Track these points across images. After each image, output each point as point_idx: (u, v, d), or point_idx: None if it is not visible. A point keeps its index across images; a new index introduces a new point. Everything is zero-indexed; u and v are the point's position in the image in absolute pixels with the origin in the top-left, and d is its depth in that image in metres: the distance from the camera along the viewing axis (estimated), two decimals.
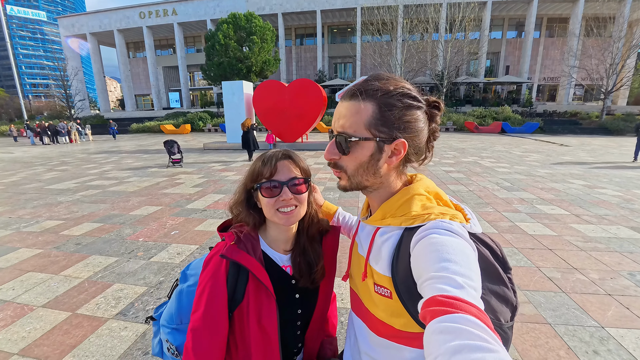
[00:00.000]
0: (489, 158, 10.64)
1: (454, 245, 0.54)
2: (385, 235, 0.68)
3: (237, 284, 0.80)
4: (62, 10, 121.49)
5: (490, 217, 4.56)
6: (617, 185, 6.53)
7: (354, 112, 0.64)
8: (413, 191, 0.69)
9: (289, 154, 0.83)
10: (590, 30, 26.93)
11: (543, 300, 2.53)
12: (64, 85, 31.48)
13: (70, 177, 8.21)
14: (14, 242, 3.88)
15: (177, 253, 3.48)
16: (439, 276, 0.49)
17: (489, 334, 0.39)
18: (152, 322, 1.00)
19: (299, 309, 0.88)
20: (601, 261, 3.20)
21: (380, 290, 0.67)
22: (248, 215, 0.85)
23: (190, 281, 0.90)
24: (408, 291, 0.60)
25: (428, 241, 0.56)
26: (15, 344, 2.10)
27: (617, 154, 11.76)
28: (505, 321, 0.61)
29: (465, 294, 0.46)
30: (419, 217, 0.63)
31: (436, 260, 0.52)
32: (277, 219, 0.79)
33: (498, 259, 0.64)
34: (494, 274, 0.62)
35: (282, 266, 0.86)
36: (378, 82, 0.64)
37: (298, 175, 0.81)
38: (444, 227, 0.58)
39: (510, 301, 0.63)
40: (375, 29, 27.25)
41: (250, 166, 0.85)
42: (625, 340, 2.08)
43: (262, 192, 0.79)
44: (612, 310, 2.41)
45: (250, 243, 0.82)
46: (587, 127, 22.40)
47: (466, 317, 0.41)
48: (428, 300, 0.47)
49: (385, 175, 0.69)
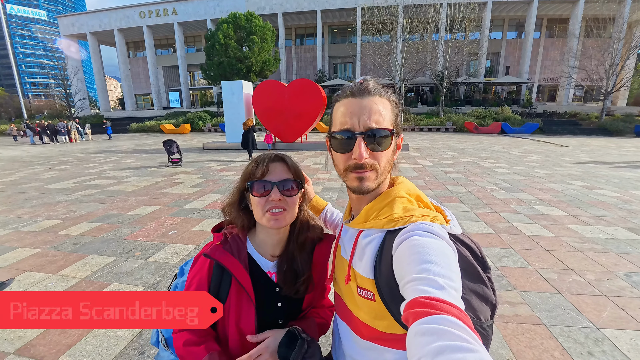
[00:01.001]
0: (488, 159, 10.65)
1: (435, 247, 0.55)
2: (368, 238, 0.68)
3: (221, 285, 0.80)
4: (63, 9, 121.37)
5: (488, 218, 4.56)
6: (615, 186, 6.54)
7: (383, 107, 0.66)
8: (395, 194, 0.70)
9: (283, 157, 0.84)
10: (590, 31, 26.99)
11: (539, 301, 2.54)
12: (63, 85, 31.47)
13: (69, 176, 8.21)
14: (12, 241, 3.89)
15: (175, 253, 3.49)
16: (420, 278, 0.50)
17: (469, 334, 0.40)
18: None
19: (281, 319, 0.86)
20: (598, 262, 3.21)
21: (363, 293, 0.67)
22: (238, 216, 0.85)
23: (185, 276, 0.93)
24: (391, 293, 0.61)
25: (410, 243, 0.57)
26: (11, 343, 2.10)
27: (616, 154, 11.77)
28: (485, 320, 0.62)
29: (446, 294, 0.47)
30: (400, 219, 0.64)
31: (418, 262, 0.52)
32: (265, 221, 0.79)
33: (477, 259, 0.65)
34: (473, 274, 0.63)
35: (268, 272, 0.85)
36: (375, 83, 0.68)
37: (290, 177, 0.81)
38: (425, 229, 0.59)
39: (490, 300, 0.64)
40: (375, 29, 27.23)
41: (245, 167, 0.85)
42: (620, 341, 2.09)
43: (252, 191, 0.79)
44: (608, 311, 2.41)
45: (237, 245, 0.82)
46: (587, 127, 22.41)
47: (447, 318, 0.42)
48: (410, 302, 0.48)
49: (390, 171, 0.71)
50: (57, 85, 32.82)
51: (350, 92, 0.67)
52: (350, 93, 0.67)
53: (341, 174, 0.70)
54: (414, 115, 26.34)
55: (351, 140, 0.65)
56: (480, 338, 0.45)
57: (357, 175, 0.66)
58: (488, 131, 22.47)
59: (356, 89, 0.67)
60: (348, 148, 0.66)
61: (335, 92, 0.87)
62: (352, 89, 0.67)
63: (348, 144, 0.66)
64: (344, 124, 0.66)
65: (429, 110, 28.39)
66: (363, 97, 0.66)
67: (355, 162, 0.65)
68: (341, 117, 0.67)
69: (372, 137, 0.64)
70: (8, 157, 12.81)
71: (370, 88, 0.66)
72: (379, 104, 0.66)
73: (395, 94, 0.70)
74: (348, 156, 0.67)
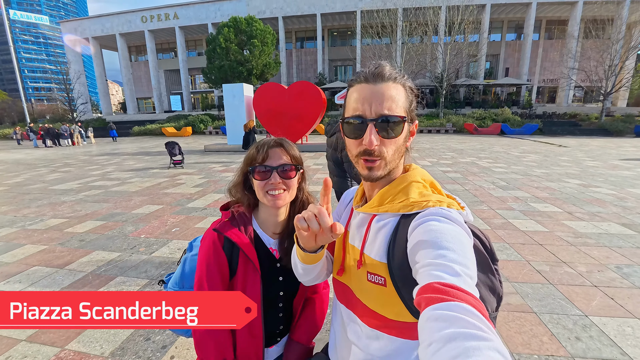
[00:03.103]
0: (486, 159, 10.73)
1: (452, 233, 0.55)
2: (381, 222, 0.69)
3: (232, 256, 0.89)
4: (65, 14, 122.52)
5: (484, 215, 4.65)
6: (612, 184, 6.61)
7: (395, 93, 0.64)
8: (410, 178, 0.70)
9: (281, 142, 0.92)
10: (589, 32, 27.08)
11: (530, 291, 2.62)
12: (66, 89, 31.76)
13: (74, 178, 8.33)
14: (19, 238, 3.99)
15: (178, 248, 3.59)
16: (436, 263, 0.49)
17: (484, 323, 0.39)
18: (163, 285, 1.14)
19: (281, 291, 0.97)
20: (590, 255, 3.29)
21: (373, 278, 0.67)
22: (243, 195, 0.95)
23: (194, 251, 1.02)
24: (403, 277, 0.61)
25: (426, 227, 0.57)
26: (22, 331, 2.20)
27: (615, 154, 11.83)
28: (492, 310, 0.63)
29: (462, 281, 0.46)
30: (416, 204, 0.64)
31: (434, 247, 0.52)
32: (266, 201, 0.89)
33: (487, 250, 0.66)
34: (483, 264, 0.64)
35: (270, 248, 0.95)
36: (391, 68, 0.67)
37: (288, 162, 0.90)
38: (442, 215, 0.59)
39: (497, 291, 0.65)
40: (375, 31, 27.41)
41: (247, 152, 0.95)
42: (607, 327, 2.17)
43: (254, 175, 0.88)
44: (597, 300, 2.49)
45: (243, 221, 0.92)
46: (587, 128, 22.45)
47: (462, 305, 0.42)
48: (424, 287, 0.47)
49: (402, 158, 0.71)
50: (60, 89, 33.11)
51: (364, 78, 0.66)
52: (364, 78, 0.66)
53: (353, 159, 0.70)
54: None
55: (363, 126, 0.64)
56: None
57: (366, 163, 0.67)
58: (488, 132, 22.54)
59: (370, 75, 0.65)
60: (359, 134, 0.65)
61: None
62: (366, 75, 0.66)
63: (360, 130, 0.65)
64: (356, 110, 0.65)
65: (428, 112, 28.48)
66: (376, 83, 0.64)
67: (365, 148, 0.65)
68: (354, 103, 0.66)
69: (383, 124, 0.63)
70: (12, 160, 12.96)
71: (384, 73, 0.65)
72: (393, 89, 0.64)
73: (409, 82, 0.68)
74: (359, 142, 0.66)
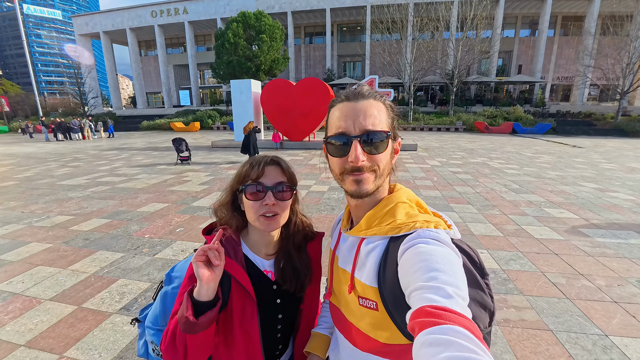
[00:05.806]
0: (498, 159, 10.47)
1: (442, 254, 0.54)
2: (370, 245, 0.67)
3: (222, 287, 0.80)
4: (77, 9, 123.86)
5: (496, 220, 4.49)
6: (630, 189, 6.36)
7: (378, 110, 0.65)
8: (396, 199, 0.69)
9: (278, 160, 0.83)
10: (607, 28, 26.13)
11: (546, 306, 2.49)
12: (77, 83, 32.19)
13: (82, 173, 8.40)
14: (25, 236, 4.00)
15: (181, 250, 3.54)
16: (428, 286, 0.49)
17: (477, 345, 0.39)
18: (137, 324, 1.01)
19: (280, 314, 0.88)
20: (609, 267, 3.13)
21: (365, 302, 0.66)
22: (232, 217, 0.85)
23: (175, 283, 0.91)
24: (395, 301, 0.60)
25: (416, 250, 0.56)
26: (22, 335, 2.17)
27: (632, 156, 11.44)
28: (484, 327, 0.61)
29: (455, 303, 0.46)
30: (404, 225, 0.63)
31: (425, 270, 0.51)
32: (259, 224, 0.79)
33: (475, 265, 0.64)
34: (471, 280, 0.62)
35: (264, 271, 0.86)
36: (369, 88, 0.68)
37: (284, 181, 0.81)
38: (431, 237, 0.58)
39: (488, 307, 0.63)
40: (385, 27, 26.94)
41: (238, 168, 0.85)
42: (629, 349, 2.04)
43: (246, 194, 0.79)
44: (618, 318, 2.36)
45: (232, 246, 0.82)
46: (602, 128, 21.82)
47: (455, 328, 0.41)
48: (417, 311, 0.47)
49: (389, 175, 0.71)
50: (71, 83, 33.56)
51: (345, 97, 0.67)
52: (345, 97, 0.67)
53: (338, 178, 0.69)
54: (423, 114, 26.03)
55: (347, 143, 0.64)
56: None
57: (354, 177, 0.65)
58: (499, 131, 22.08)
59: (350, 93, 0.67)
60: (344, 151, 0.64)
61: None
62: (347, 94, 0.67)
63: (344, 148, 0.65)
64: (339, 128, 0.65)
65: (438, 109, 28.05)
66: (358, 101, 0.65)
67: (352, 165, 0.63)
68: (336, 121, 0.66)
69: (368, 140, 0.63)
70: (24, 154, 13.16)
71: (364, 92, 0.66)
72: (374, 107, 0.65)
73: (389, 99, 0.70)
74: (344, 160, 0.65)
